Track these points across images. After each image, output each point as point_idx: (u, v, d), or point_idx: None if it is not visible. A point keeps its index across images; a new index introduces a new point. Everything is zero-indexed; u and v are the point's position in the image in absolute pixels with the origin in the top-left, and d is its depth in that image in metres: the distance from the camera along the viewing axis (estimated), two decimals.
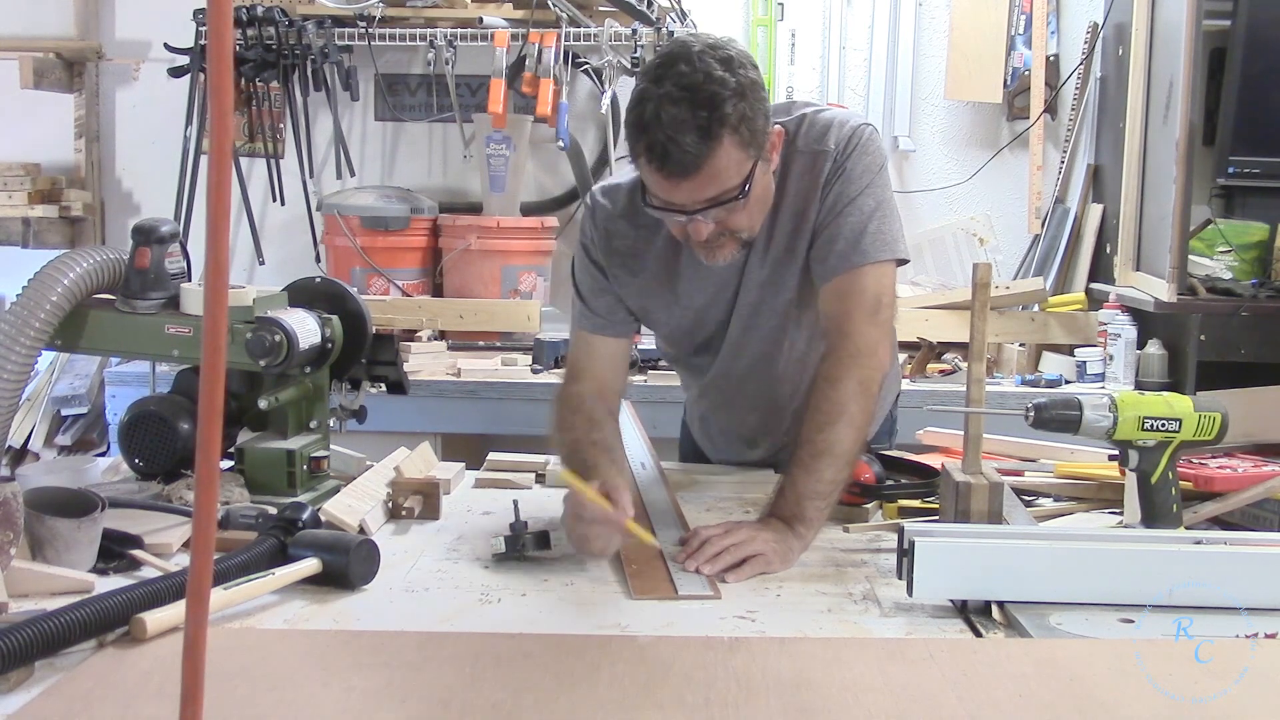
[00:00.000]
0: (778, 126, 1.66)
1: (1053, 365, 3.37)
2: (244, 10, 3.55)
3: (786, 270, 1.78)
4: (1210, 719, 1.07)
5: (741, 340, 1.87)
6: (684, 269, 1.81)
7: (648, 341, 3.14)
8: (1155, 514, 1.54)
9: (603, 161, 3.90)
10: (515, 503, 1.59)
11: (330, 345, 1.80)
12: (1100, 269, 3.73)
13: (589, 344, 1.88)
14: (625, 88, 3.79)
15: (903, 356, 3.31)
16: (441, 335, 3.56)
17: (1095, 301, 3.55)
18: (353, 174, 3.81)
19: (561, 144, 3.67)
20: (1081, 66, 3.80)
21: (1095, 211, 3.77)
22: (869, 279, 1.70)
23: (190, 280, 1.82)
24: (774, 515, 1.60)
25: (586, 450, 1.71)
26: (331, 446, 1.86)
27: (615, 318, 1.88)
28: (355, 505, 1.67)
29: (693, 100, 1.52)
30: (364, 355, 1.89)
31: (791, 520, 1.58)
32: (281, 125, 3.90)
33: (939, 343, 3.34)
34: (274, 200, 3.83)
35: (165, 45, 3.70)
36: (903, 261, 1.76)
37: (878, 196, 1.72)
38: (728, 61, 1.55)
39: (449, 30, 3.65)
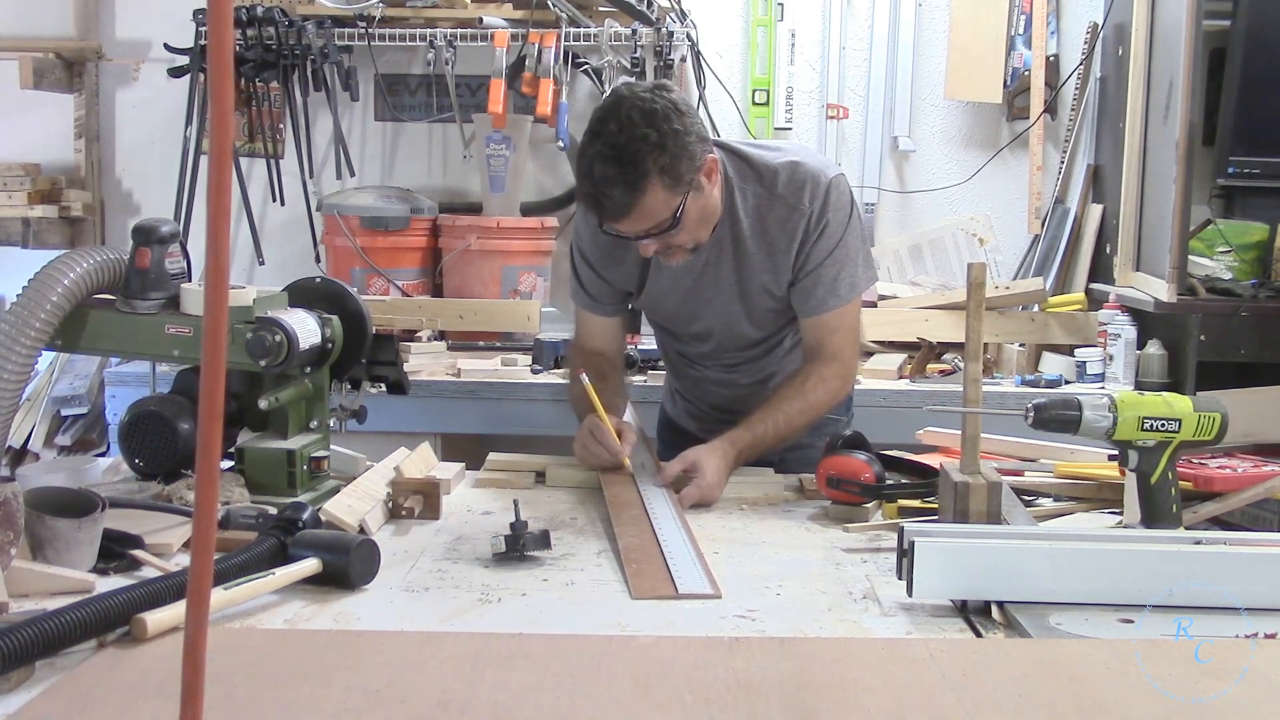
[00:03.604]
0: (712, 155, 1.91)
1: (1053, 365, 3.37)
2: (244, 10, 3.55)
3: (752, 289, 2.07)
4: (1210, 719, 1.07)
5: (707, 332, 2.15)
6: (652, 270, 2.09)
7: (648, 342, 3.15)
8: (1155, 514, 1.55)
9: None
10: (515, 503, 1.59)
11: (330, 345, 1.80)
12: (1100, 269, 3.73)
13: (584, 317, 2.22)
14: None
15: (902, 357, 3.33)
16: (441, 335, 3.56)
17: (1095, 301, 3.55)
18: (353, 174, 3.81)
19: (561, 144, 3.67)
20: (1081, 66, 3.79)
21: (1095, 211, 3.77)
22: (843, 318, 2.07)
23: (190, 280, 1.82)
24: (732, 444, 1.95)
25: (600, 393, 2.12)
26: (331, 446, 1.86)
27: (605, 300, 2.18)
28: (355, 505, 1.67)
29: (619, 159, 1.80)
30: (364, 355, 1.89)
31: (741, 452, 1.96)
32: (281, 125, 3.90)
33: (939, 343, 3.34)
34: (274, 200, 3.83)
35: (165, 45, 3.70)
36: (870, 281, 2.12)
37: (849, 245, 2.04)
38: (651, 116, 1.81)
39: (449, 30, 3.65)
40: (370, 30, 3.65)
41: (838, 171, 2.05)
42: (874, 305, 3.40)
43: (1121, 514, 1.72)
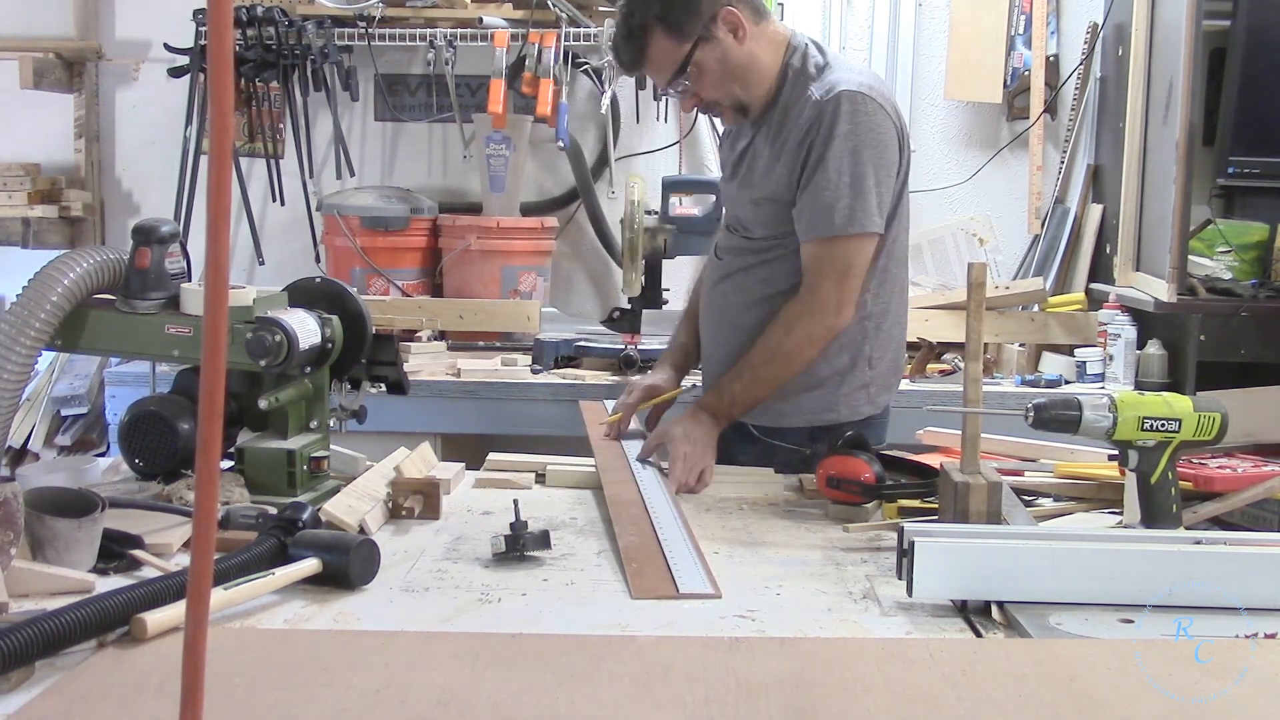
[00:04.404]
0: (731, 9, 1.96)
1: (1053, 365, 3.37)
2: (244, 10, 3.55)
3: (769, 179, 2.04)
4: (1210, 719, 1.07)
5: (731, 216, 2.19)
6: (723, 143, 2.22)
7: (647, 342, 3.15)
8: (1155, 514, 1.55)
9: (603, 161, 3.90)
10: (515, 503, 1.59)
11: (330, 345, 1.80)
12: (1100, 269, 3.73)
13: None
14: (625, 87, 3.79)
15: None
16: (441, 335, 3.56)
17: (1095, 301, 3.54)
18: (353, 174, 3.81)
19: (561, 144, 3.67)
20: (1081, 66, 3.79)
21: (1095, 211, 3.77)
22: (842, 248, 1.99)
23: (190, 280, 1.82)
24: (704, 409, 2.02)
25: (687, 315, 2.34)
26: (331, 446, 1.86)
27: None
28: (355, 505, 1.67)
29: (624, 15, 1.99)
30: (364, 355, 1.89)
31: (716, 415, 2.02)
32: (281, 125, 3.90)
33: (939, 343, 3.34)
34: (274, 200, 3.83)
35: (165, 45, 3.70)
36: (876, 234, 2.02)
37: (855, 171, 1.95)
38: None
39: (449, 30, 3.65)
40: (370, 30, 3.65)
41: (861, 89, 1.96)
42: None
43: (1121, 514, 1.72)
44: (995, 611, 1.36)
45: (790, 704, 1.08)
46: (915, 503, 1.75)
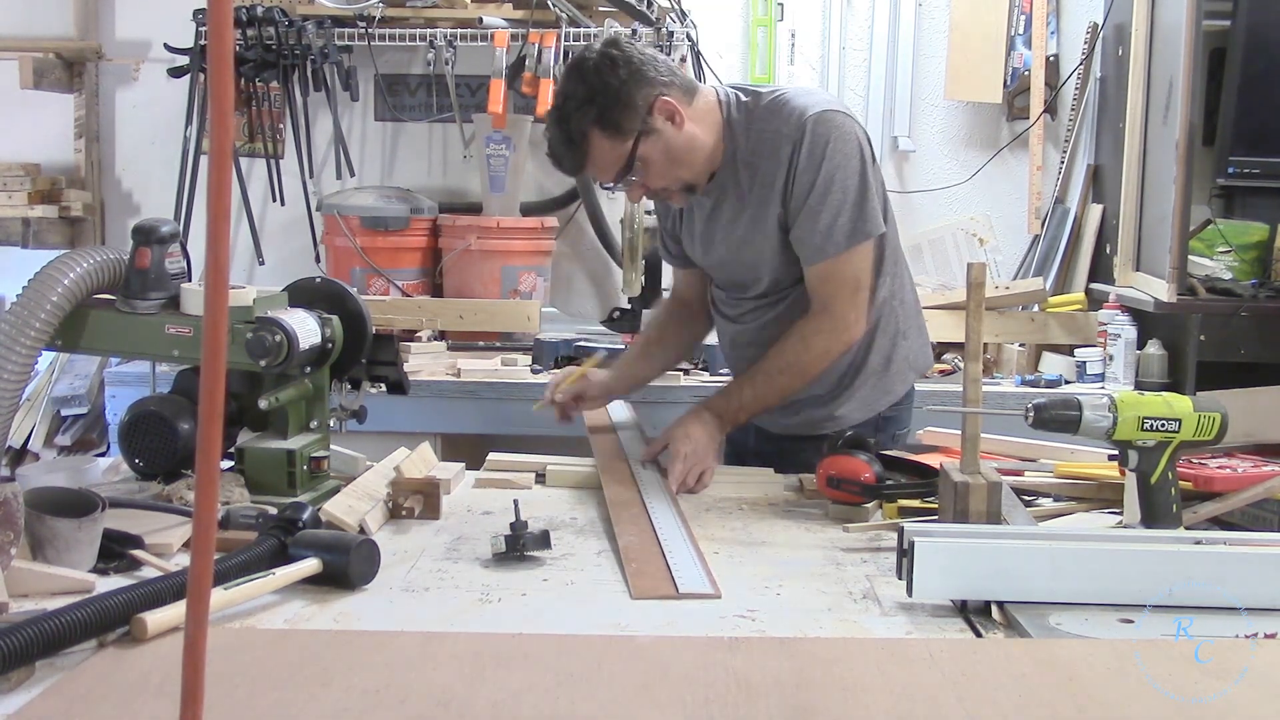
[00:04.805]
0: (666, 98, 1.94)
1: (1053, 365, 3.37)
2: (244, 10, 3.55)
3: (760, 231, 2.04)
4: (1210, 719, 1.07)
5: (729, 280, 2.18)
6: (685, 216, 2.17)
7: None
8: (1155, 514, 1.55)
9: None
10: (515, 503, 1.60)
11: (330, 345, 1.80)
12: (1100, 269, 3.73)
13: (674, 272, 2.38)
14: None
15: None
16: (441, 335, 3.56)
17: (1095, 302, 3.55)
18: (353, 174, 3.81)
19: None
20: (1081, 66, 3.79)
21: (1095, 211, 3.77)
22: (846, 265, 2.00)
23: (190, 280, 1.82)
24: (710, 410, 2.03)
25: (638, 343, 2.45)
26: (331, 446, 1.86)
27: (673, 253, 2.29)
28: (355, 505, 1.67)
29: (556, 120, 1.95)
30: (364, 355, 1.89)
31: (721, 417, 2.02)
32: (281, 125, 3.90)
33: (939, 343, 3.33)
34: (274, 200, 3.83)
35: (165, 45, 3.70)
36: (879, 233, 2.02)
37: (846, 184, 1.96)
38: (584, 74, 1.92)
39: (449, 30, 3.65)
40: (370, 30, 3.65)
41: (829, 109, 1.98)
42: None
43: (1121, 514, 1.72)
44: (995, 611, 1.36)
45: (790, 704, 1.08)
46: (915, 503, 1.76)
